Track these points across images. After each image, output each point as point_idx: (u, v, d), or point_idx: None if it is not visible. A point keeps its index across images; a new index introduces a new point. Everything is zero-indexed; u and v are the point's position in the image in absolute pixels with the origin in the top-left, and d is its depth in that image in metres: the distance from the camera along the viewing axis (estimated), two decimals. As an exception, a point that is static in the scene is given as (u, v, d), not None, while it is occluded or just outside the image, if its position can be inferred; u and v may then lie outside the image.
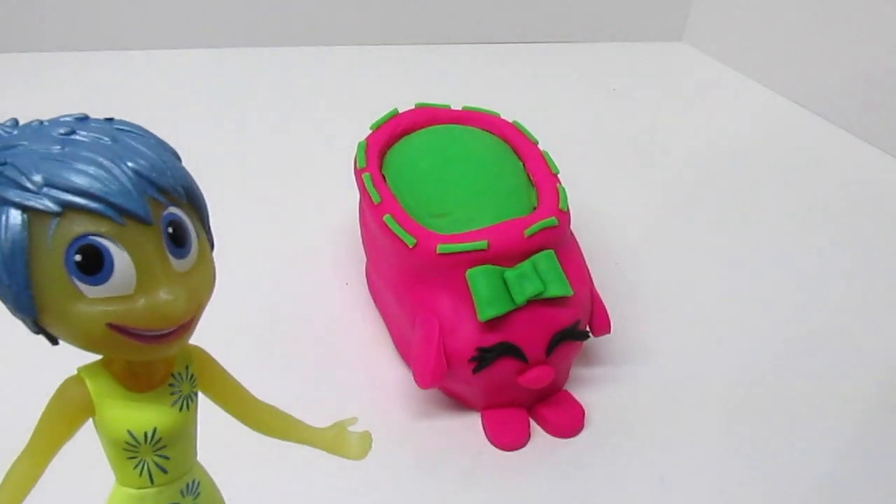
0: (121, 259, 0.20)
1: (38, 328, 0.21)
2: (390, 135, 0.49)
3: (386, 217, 0.42)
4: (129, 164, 0.20)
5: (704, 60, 1.03)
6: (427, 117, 0.50)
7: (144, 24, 0.93)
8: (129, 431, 0.23)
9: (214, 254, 0.23)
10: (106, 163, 0.20)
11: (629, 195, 0.68)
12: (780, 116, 0.87)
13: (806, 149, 0.79)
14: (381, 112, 0.50)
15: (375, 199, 0.43)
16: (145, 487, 0.24)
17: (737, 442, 0.43)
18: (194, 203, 0.22)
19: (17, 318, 0.21)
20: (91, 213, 0.20)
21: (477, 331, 0.40)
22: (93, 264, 0.20)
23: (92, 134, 0.20)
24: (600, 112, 0.85)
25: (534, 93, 0.89)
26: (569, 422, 0.42)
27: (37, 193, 0.19)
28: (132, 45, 0.93)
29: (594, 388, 0.45)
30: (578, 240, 0.46)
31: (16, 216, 0.19)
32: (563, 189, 0.44)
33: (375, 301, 0.51)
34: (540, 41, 1.05)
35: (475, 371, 0.40)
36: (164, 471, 0.24)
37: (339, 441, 0.29)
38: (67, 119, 0.21)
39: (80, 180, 0.19)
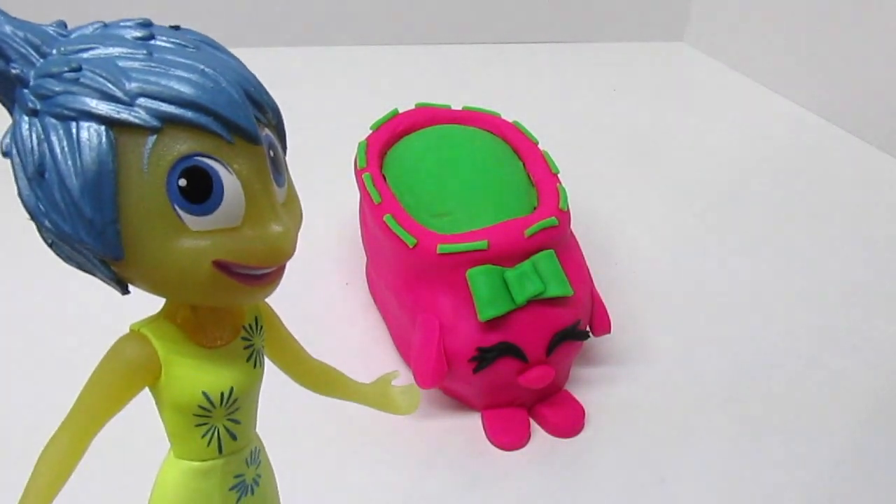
0: (230, 184, 0.17)
1: (111, 273, 0.18)
2: (390, 135, 0.49)
3: (386, 217, 0.42)
4: (231, 74, 0.17)
5: (704, 60, 1.03)
6: (427, 117, 0.50)
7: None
8: (203, 393, 0.20)
9: None
10: (209, 71, 0.17)
11: (629, 195, 0.68)
12: (779, 116, 0.87)
13: (805, 149, 0.79)
14: (381, 112, 0.50)
15: (376, 199, 0.43)
16: (211, 459, 0.21)
17: (737, 442, 0.43)
18: (280, 129, 0.20)
19: (77, 262, 0.18)
20: (195, 130, 0.16)
21: (477, 331, 0.40)
22: (200, 190, 0.17)
23: (173, 40, 0.17)
24: (600, 112, 0.85)
25: (534, 93, 0.89)
26: (569, 422, 0.42)
27: (129, 105, 0.16)
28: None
29: (594, 388, 0.45)
30: (578, 240, 0.46)
31: (99, 131, 0.16)
32: (563, 189, 0.44)
33: (375, 301, 0.51)
34: (540, 41, 1.05)
35: (475, 371, 0.40)
36: (234, 437, 0.21)
37: (385, 397, 0.27)
38: (129, 23, 0.18)
39: (184, 89, 0.16)
